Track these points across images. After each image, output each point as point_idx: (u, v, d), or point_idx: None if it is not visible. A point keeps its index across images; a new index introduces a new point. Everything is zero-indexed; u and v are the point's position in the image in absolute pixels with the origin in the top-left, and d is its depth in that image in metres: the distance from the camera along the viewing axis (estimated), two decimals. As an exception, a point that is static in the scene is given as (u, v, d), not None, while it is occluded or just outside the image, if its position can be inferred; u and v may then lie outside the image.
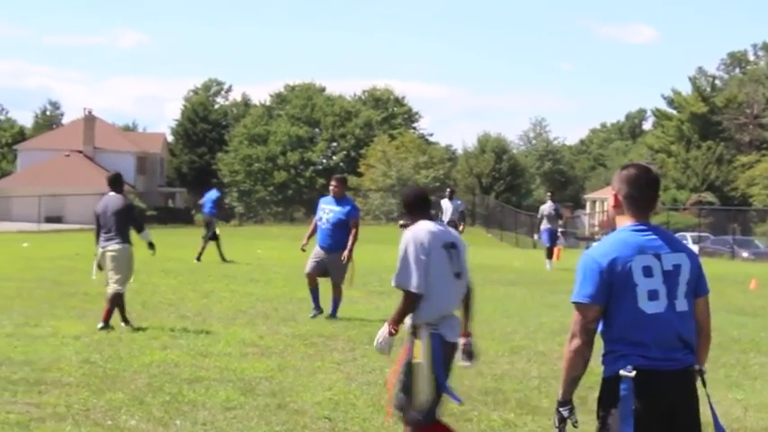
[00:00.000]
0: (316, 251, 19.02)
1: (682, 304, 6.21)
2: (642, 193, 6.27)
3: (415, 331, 8.67)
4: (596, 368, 6.36)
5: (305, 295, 22.41)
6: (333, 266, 18.80)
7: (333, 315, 18.82)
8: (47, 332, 16.06)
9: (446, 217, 34.92)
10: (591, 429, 6.49)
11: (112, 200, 17.79)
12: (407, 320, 8.70)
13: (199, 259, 32.57)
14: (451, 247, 8.75)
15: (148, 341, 15.28)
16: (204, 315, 18.92)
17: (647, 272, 6.14)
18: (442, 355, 8.61)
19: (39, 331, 16.12)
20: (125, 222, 17.54)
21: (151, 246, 18.37)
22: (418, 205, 9.00)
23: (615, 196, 6.34)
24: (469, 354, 9.00)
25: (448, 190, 39.30)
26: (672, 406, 6.12)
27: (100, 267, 17.51)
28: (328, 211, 18.82)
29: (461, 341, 8.89)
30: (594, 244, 6.69)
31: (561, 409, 6.35)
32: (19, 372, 12.50)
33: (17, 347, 14.37)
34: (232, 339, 15.80)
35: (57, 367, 12.94)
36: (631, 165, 6.42)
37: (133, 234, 17.42)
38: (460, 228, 33.80)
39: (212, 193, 34.94)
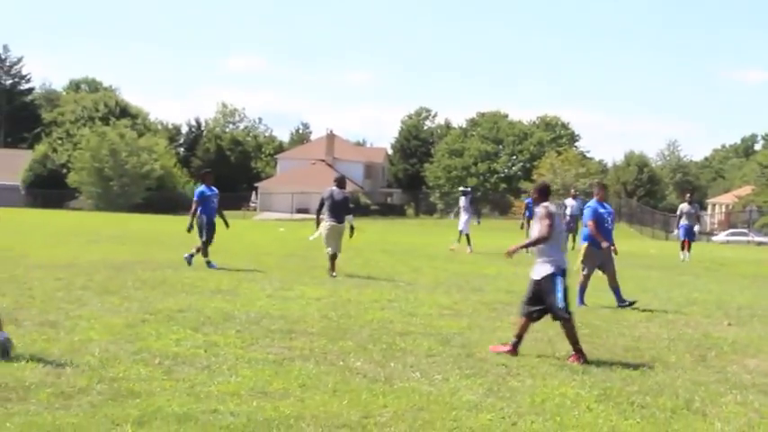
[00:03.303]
0: (595, 253, 16.93)
1: None
2: None
3: None
4: (713, 333, 6.22)
5: (490, 272, 22.40)
6: (610, 259, 17.07)
7: (622, 302, 16.58)
8: (296, 294, 16.33)
9: (569, 211, 33.48)
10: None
11: (337, 192, 19.94)
12: None
13: (470, 250, 30.79)
14: None
15: (371, 303, 15.41)
16: (413, 285, 18.97)
17: None
18: None
19: (290, 294, 16.41)
20: (345, 208, 19.93)
21: (352, 229, 19.86)
22: None
23: None
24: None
25: (572, 190, 38.50)
26: None
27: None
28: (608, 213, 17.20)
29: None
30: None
31: None
32: (275, 323, 12.75)
33: (275, 305, 14.67)
34: (433, 304, 15.82)
35: (303, 321, 13.16)
36: None
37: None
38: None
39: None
